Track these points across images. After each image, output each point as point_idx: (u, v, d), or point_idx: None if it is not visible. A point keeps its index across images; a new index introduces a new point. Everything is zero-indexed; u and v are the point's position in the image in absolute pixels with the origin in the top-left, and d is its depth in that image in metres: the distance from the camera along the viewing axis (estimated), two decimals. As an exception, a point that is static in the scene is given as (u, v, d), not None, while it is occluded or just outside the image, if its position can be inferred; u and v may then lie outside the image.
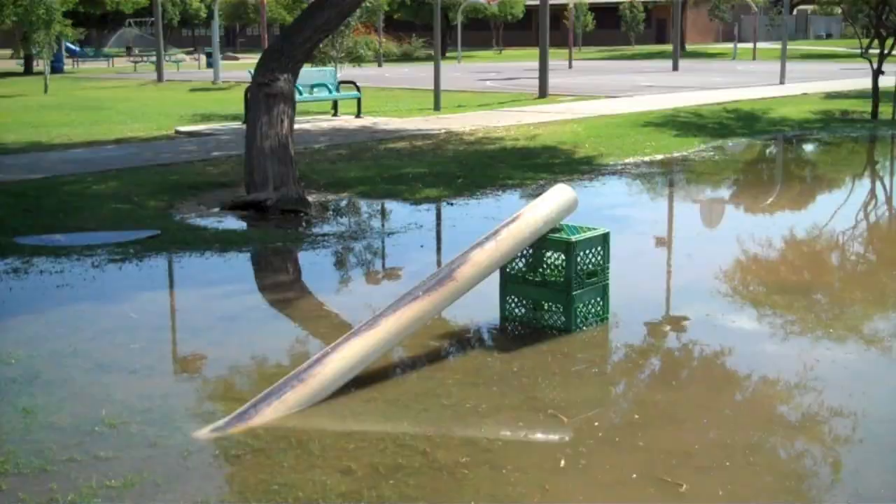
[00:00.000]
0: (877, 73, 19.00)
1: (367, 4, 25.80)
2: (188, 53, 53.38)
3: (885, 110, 18.87)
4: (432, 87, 22.23)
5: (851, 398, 5.10)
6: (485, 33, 68.49)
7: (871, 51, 19.50)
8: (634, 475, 4.30)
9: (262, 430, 4.73)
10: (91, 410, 4.95)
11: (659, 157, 14.30)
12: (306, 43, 11.20)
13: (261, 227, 9.67)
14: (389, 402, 5.11)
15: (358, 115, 20.07)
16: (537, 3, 27.78)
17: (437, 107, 21.71)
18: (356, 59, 26.55)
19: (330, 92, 20.44)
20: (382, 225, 10.25)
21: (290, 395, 4.98)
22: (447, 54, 50.79)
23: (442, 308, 5.81)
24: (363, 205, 11.07)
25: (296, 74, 11.01)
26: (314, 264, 8.43)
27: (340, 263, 8.41)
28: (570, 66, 42.06)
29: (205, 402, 5.14)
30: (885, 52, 18.99)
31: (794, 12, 68.73)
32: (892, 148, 16.44)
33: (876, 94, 19.09)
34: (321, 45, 21.13)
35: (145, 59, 45.50)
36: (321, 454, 4.50)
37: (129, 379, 5.42)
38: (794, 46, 49.65)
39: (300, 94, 18.09)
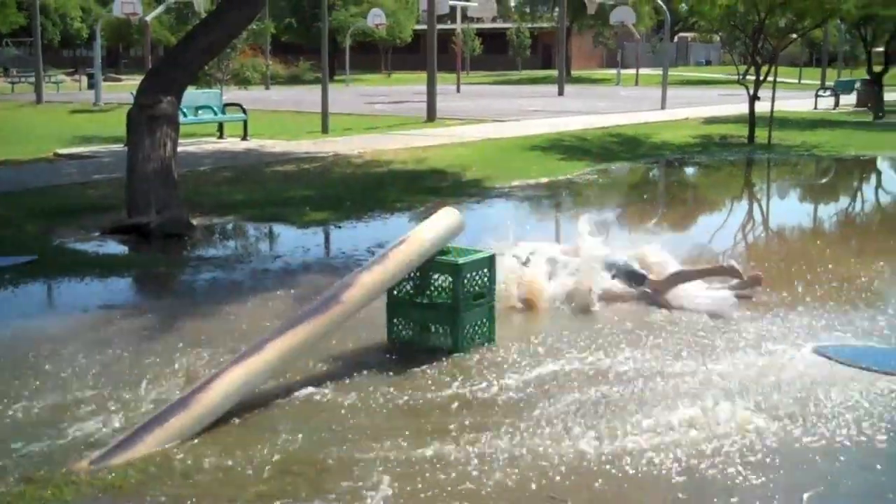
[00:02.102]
0: (753, 98, 19.67)
1: (254, 27, 25.62)
2: (69, 74, 52.05)
3: (761, 134, 19.51)
4: (320, 110, 22.15)
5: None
6: (373, 56, 68.59)
7: (747, 77, 20.16)
8: (525, 493, 4.32)
9: (144, 459, 4.61)
10: (-39, 443, 4.76)
11: (545, 179, 14.49)
12: (191, 65, 11.06)
13: (143, 251, 9.47)
14: (275, 429, 5.03)
15: (244, 138, 19.85)
16: (426, 27, 27.97)
17: (325, 129, 21.63)
18: (243, 82, 26.31)
19: (215, 114, 20.18)
20: (269, 248, 10.13)
21: (173, 421, 4.86)
22: (335, 77, 50.69)
23: (329, 331, 5.76)
24: (249, 228, 10.94)
25: (179, 96, 10.84)
26: (197, 288, 8.27)
27: (225, 287, 8.26)
28: (459, 91, 42.42)
29: (82, 433, 4.96)
30: (761, 78, 19.66)
31: (676, 39, 70.66)
32: (768, 170, 16.98)
33: (752, 119, 19.73)
34: (207, 67, 20.90)
35: (23, 79, 44.23)
36: (205, 484, 4.41)
37: None
38: (676, 73, 51.03)
39: (184, 116, 17.81)
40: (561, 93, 39.00)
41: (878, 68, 29.09)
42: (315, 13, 48.33)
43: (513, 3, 71.90)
